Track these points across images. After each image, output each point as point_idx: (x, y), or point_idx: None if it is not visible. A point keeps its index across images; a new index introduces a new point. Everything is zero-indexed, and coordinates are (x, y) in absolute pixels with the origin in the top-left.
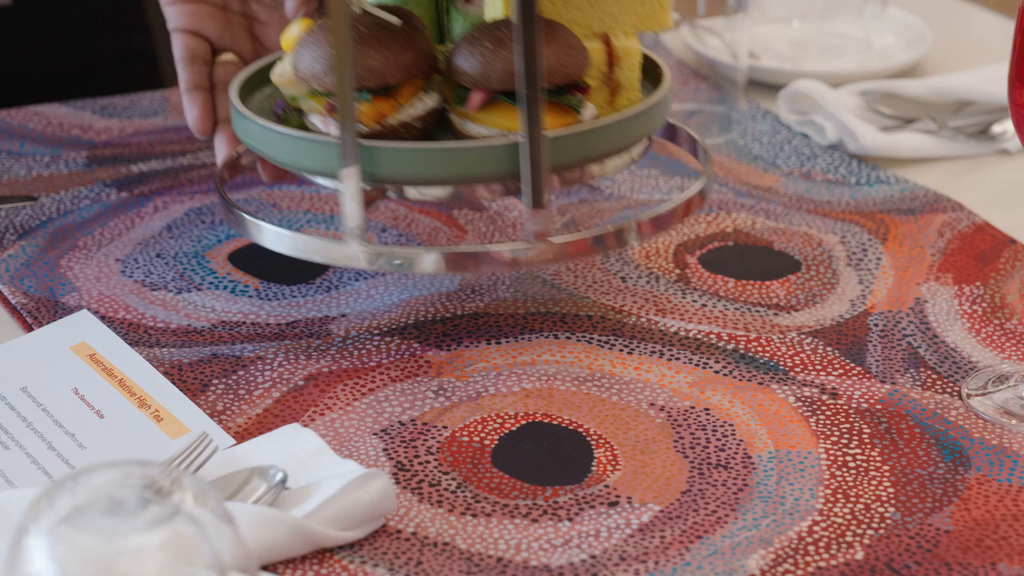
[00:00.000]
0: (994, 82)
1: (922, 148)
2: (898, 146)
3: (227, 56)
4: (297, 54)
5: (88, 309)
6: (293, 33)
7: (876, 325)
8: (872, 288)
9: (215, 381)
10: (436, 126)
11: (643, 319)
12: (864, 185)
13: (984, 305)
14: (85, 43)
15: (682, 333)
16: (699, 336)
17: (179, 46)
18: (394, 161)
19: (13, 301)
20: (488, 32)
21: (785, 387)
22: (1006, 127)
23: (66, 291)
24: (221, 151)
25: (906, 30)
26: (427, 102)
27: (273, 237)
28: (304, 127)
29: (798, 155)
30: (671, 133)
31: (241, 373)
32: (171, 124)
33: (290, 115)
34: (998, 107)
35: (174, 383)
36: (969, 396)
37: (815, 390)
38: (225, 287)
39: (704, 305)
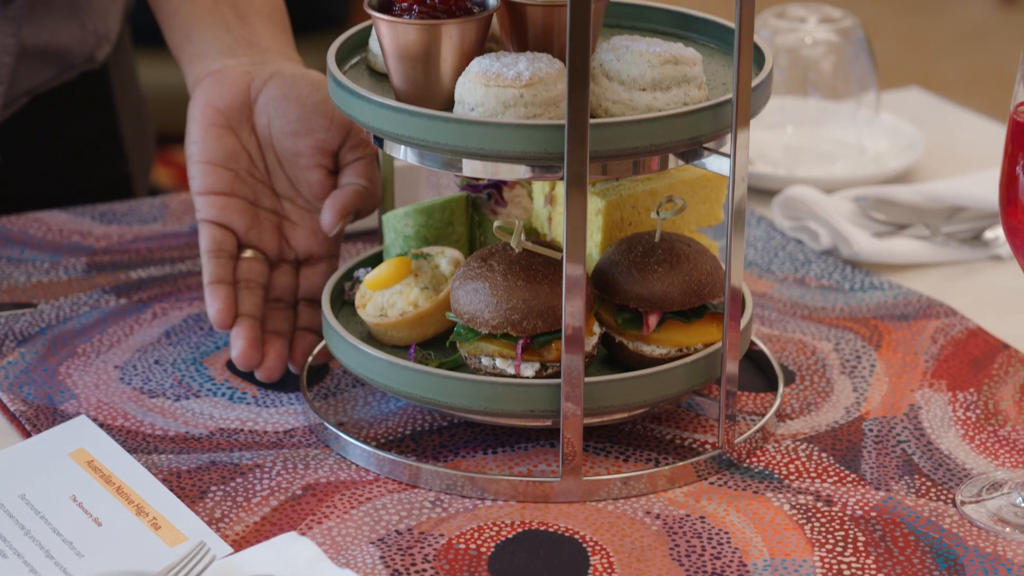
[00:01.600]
0: (986, 188)
1: (915, 254)
2: (891, 252)
3: (251, 253)
4: (470, 301)
5: (87, 416)
6: (383, 273)
7: (871, 431)
8: (866, 395)
9: (213, 488)
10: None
11: (639, 426)
12: (858, 291)
13: (978, 412)
14: (67, 174)
15: (677, 441)
16: (694, 445)
17: (206, 238)
18: (610, 393)
19: (12, 408)
20: (647, 253)
21: (780, 495)
22: (998, 233)
23: (65, 398)
24: (238, 344)
25: (899, 136)
26: (597, 330)
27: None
28: (456, 367)
29: (792, 261)
30: None
31: (239, 480)
32: (170, 230)
33: (429, 357)
34: (990, 213)
35: (172, 490)
36: (963, 504)
37: (810, 497)
38: (223, 394)
39: (699, 414)
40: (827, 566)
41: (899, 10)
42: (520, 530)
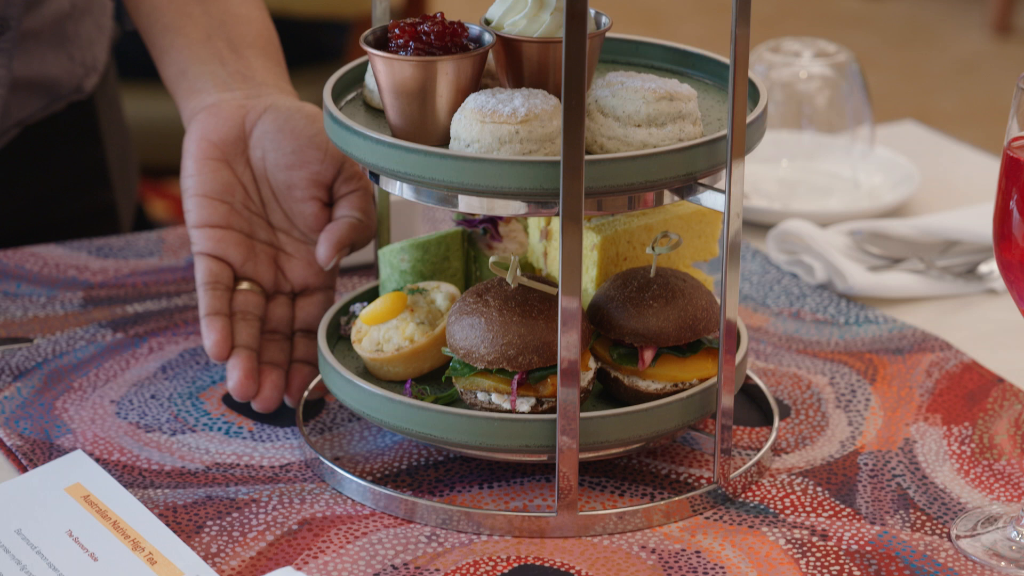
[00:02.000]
0: (981, 222)
1: (910, 288)
2: (886, 286)
3: (247, 285)
4: (466, 336)
5: (83, 450)
6: (379, 308)
7: (866, 465)
8: (862, 429)
9: (209, 523)
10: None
11: (634, 461)
12: (853, 325)
13: (973, 446)
14: (53, 203)
15: (672, 476)
16: (689, 480)
17: (202, 270)
18: (606, 428)
19: (8, 443)
20: (642, 288)
21: (775, 529)
22: (993, 267)
23: (61, 433)
24: (234, 375)
25: (894, 170)
26: (592, 366)
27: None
28: (452, 402)
29: (788, 295)
30: None
31: (235, 515)
32: (166, 264)
33: (425, 392)
34: (985, 247)
35: (168, 525)
36: (958, 538)
37: (805, 532)
38: (219, 429)
39: (694, 448)
40: None
41: (894, 42)
42: (516, 565)
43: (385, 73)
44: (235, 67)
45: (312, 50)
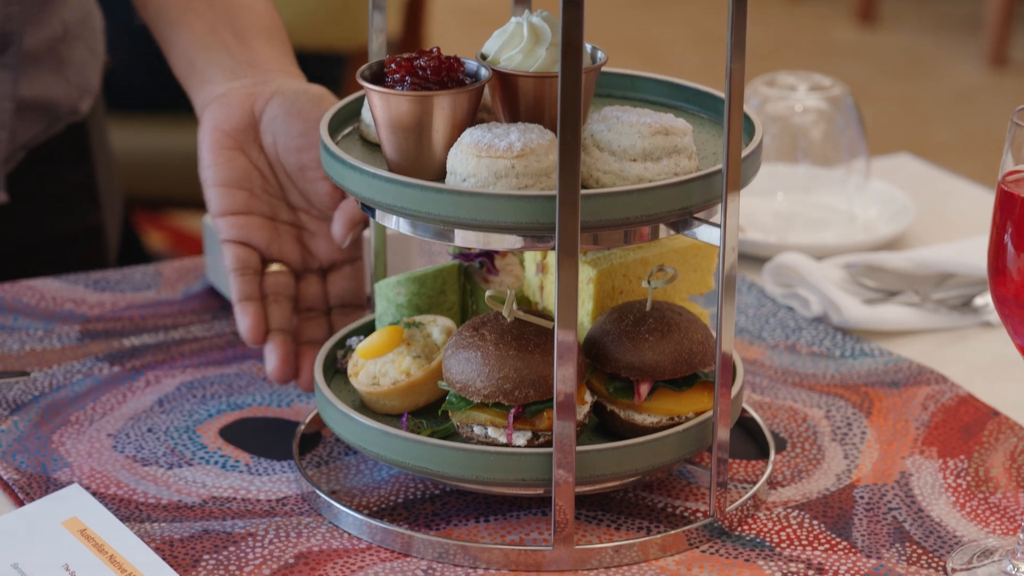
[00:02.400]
0: (976, 255)
1: (906, 320)
2: (882, 319)
3: (276, 267)
4: (462, 370)
5: (80, 484)
6: (376, 342)
7: (862, 498)
8: (857, 462)
9: (206, 557)
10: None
11: (630, 494)
12: (849, 358)
13: (968, 479)
14: (43, 222)
15: (669, 510)
16: (686, 513)
17: (230, 257)
18: (602, 461)
19: (5, 477)
20: (638, 322)
21: (771, 563)
22: (988, 300)
23: (58, 466)
24: (272, 360)
25: (889, 202)
26: (588, 399)
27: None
28: (448, 435)
29: (783, 328)
30: None
31: (232, 549)
32: (163, 298)
33: (421, 426)
34: (980, 280)
35: (165, 559)
36: (954, 571)
37: (801, 565)
38: (216, 462)
39: (691, 482)
40: None
41: (891, 73)
42: None
43: (381, 108)
44: (241, 55)
45: (310, 79)
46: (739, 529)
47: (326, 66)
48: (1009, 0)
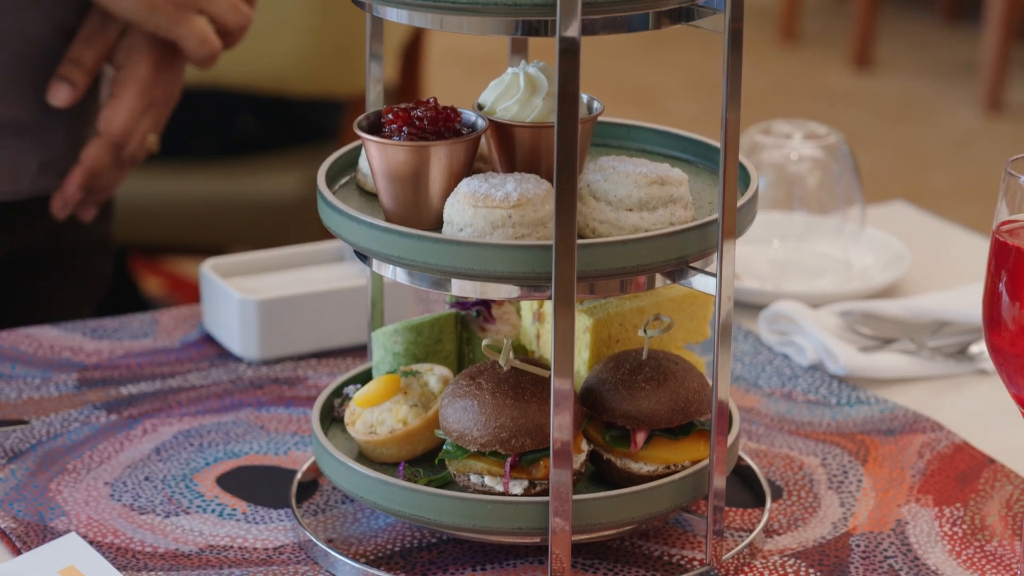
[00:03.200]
0: (971, 303)
1: (901, 368)
2: (878, 366)
3: None
4: (459, 418)
5: (77, 533)
6: (372, 391)
7: (858, 547)
8: (853, 510)
9: None
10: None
11: (627, 543)
12: (845, 406)
13: (965, 527)
14: (58, 231)
15: (665, 558)
16: (682, 561)
17: None
18: (599, 510)
19: (2, 525)
20: (634, 370)
21: None
22: (983, 348)
23: (55, 515)
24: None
25: (885, 250)
26: (585, 448)
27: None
28: (445, 484)
29: (779, 375)
30: None
31: None
32: (160, 346)
33: (418, 475)
34: (975, 327)
35: None
36: None
37: None
38: (213, 511)
39: (687, 530)
40: None
41: (887, 119)
42: None
43: (378, 158)
44: None
45: (307, 129)
46: None
47: (324, 113)
48: (1005, 45)
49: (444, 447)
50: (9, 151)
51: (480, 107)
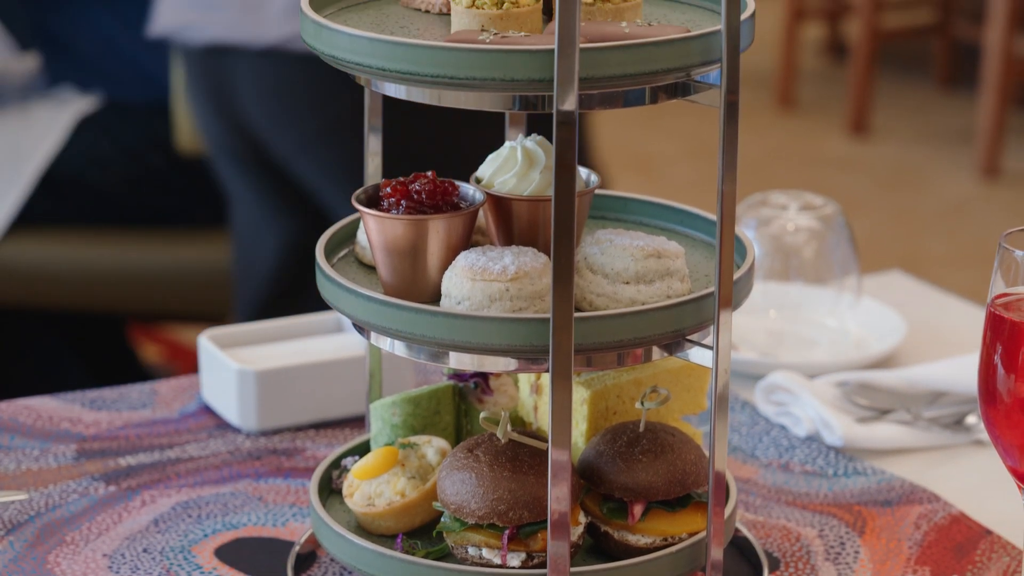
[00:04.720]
0: (967, 373)
1: (898, 439)
2: (874, 437)
3: None
4: (457, 491)
5: None
6: (371, 463)
7: None
8: None
9: None
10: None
11: None
12: (842, 476)
13: None
14: None
15: None
16: None
17: None
18: None
19: None
20: (632, 443)
21: None
22: (979, 418)
23: None
24: None
25: (881, 320)
26: (582, 520)
27: None
28: (443, 556)
29: (776, 446)
30: None
31: None
32: (158, 417)
33: (416, 547)
34: (971, 398)
35: None
36: None
37: None
38: None
39: None
40: None
41: (883, 185)
42: None
43: (376, 231)
44: None
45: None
46: None
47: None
48: (1001, 111)
49: (442, 519)
50: None
51: (478, 180)
